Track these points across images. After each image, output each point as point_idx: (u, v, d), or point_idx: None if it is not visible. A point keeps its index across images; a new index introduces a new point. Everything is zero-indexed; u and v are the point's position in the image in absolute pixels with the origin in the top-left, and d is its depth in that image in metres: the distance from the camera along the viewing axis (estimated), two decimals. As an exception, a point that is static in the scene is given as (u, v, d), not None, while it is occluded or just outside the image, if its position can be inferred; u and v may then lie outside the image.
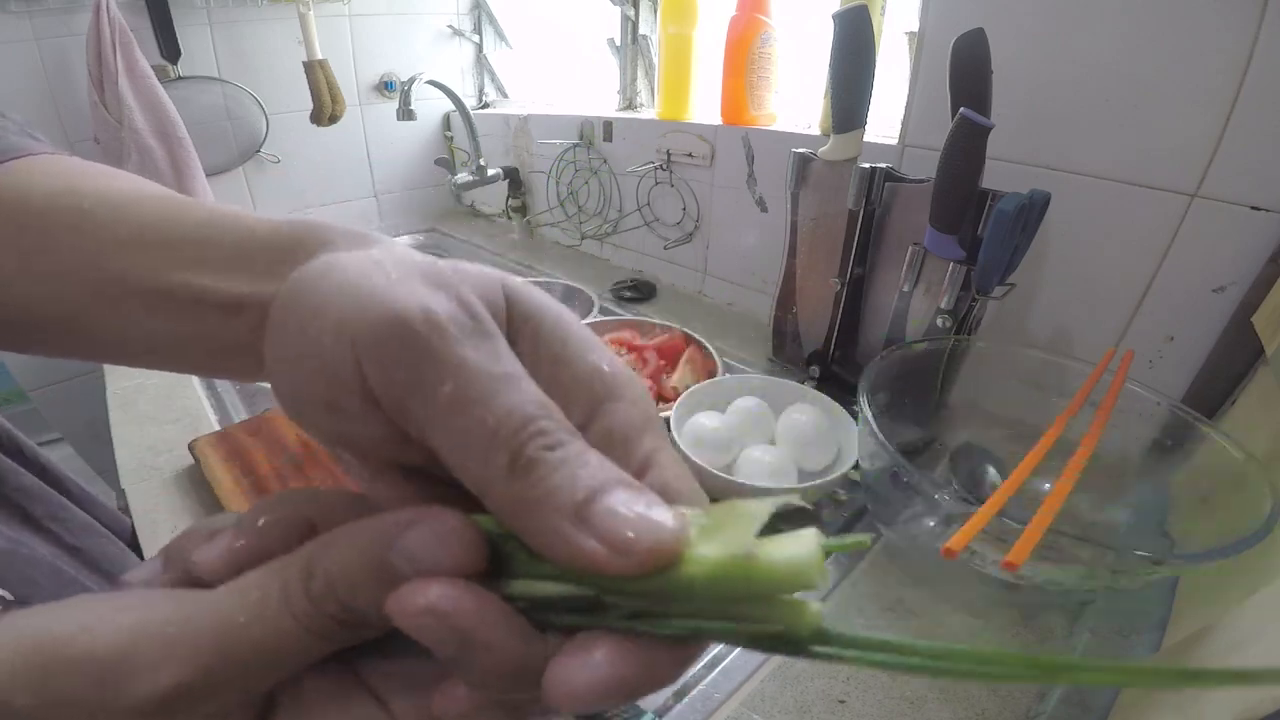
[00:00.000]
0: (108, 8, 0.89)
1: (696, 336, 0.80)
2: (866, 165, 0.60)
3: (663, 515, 0.13)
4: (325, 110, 1.14)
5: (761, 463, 0.56)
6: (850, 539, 0.14)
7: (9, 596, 0.27)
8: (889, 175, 0.61)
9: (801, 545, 0.12)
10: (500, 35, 1.35)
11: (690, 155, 0.94)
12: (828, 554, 0.13)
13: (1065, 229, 0.61)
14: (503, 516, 0.14)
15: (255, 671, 0.14)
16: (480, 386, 0.14)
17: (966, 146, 0.51)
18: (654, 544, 0.13)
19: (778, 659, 0.45)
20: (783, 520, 0.14)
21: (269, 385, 0.17)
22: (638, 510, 0.13)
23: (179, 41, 1.02)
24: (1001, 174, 0.60)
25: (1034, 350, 0.57)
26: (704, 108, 0.96)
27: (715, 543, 0.13)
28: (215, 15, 1.06)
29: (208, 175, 1.06)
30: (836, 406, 0.61)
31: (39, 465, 0.38)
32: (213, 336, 0.20)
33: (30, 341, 0.23)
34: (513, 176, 1.26)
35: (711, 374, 0.75)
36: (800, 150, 0.67)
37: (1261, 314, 0.49)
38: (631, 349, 0.79)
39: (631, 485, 0.14)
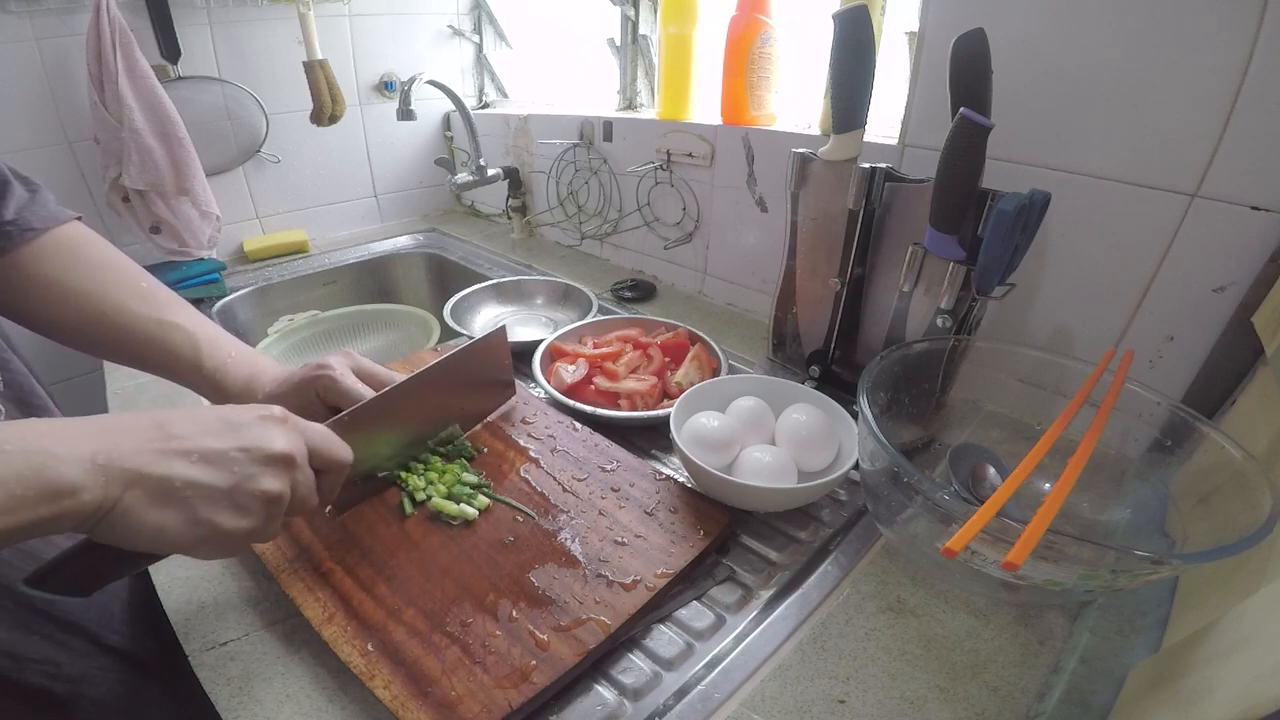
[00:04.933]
0: (108, 8, 0.89)
1: (702, 335, 0.80)
2: (866, 165, 0.60)
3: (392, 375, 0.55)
4: (325, 110, 1.14)
5: (761, 463, 0.56)
6: None
7: None
8: (889, 175, 0.61)
9: None
10: (500, 35, 1.35)
11: (690, 155, 0.94)
12: None
13: (1065, 229, 0.61)
14: (349, 403, 0.50)
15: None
16: (350, 388, 0.50)
17: (966, 146, 0.51)
18: (387, 378, 0.54)
19: (778, 659, 0.45)
20: None
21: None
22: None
23: (179, 41, 1.02)
24: (1001, 174, 0.60)
25: (1034, 350, 0.57)
26: (704, 108, 0.97)
27: None
28: (215, 15, 1.06)
29: (208, 175, 1.06)
30: (836, 406, 0.61)
31: None
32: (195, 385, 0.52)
33: (84, 340, 0.50)
34: (513, 176, 1.26)
35: (716, 372, 0.75)
36: (800, 150, 0.67)
37: (1261, 314, 0.49)
38: (637, 346, 0.79)
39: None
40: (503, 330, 0.64)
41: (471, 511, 0.53)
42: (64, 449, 0.29)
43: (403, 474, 0.57)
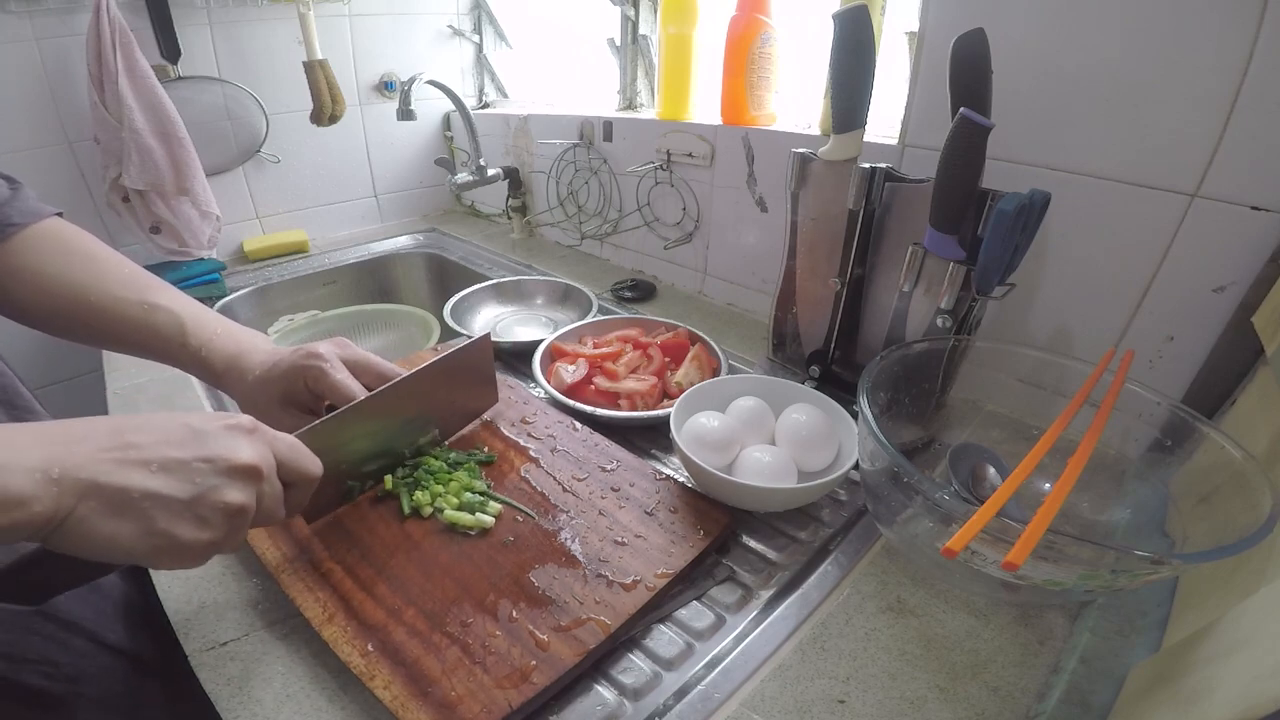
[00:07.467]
0: (108, 8, 0.89)
1: (702, 335, 0.80)
2: (866, 165, 0.60)
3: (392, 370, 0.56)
4: (325, 110, 1.14)
5: (761, 463, 0.56)
6: None
7: None
8: (889, 175, 0.61)
9: None
10: (500, 35, 1.35)
11: (690, 155, 0.94)
12: None
13: (1065, 229, 0.61)
14: (341, 401, 0.50)
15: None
16: (340, 381, 0.51)
17: (966, 146, 0.51)
18: (387, 372, 0.55)
19: (778, 659, 0.45)
20: None
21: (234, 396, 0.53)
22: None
23: (179, 41, 1.02)
24: (1001, 174, 0.60)
25: (1033, 350, 0.57)
26: (704, 108, 0.96)
27: None
28: (215, 15, 1.06)
29: (208, 175, 1.06)
30: (836, 406, 0.61)
31: None
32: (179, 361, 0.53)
33: (72, 327, 0.51)
34: (513, 176, 1.26)
35: (716, 372, 0.75)
36: (800, 150, 0.67)
37: (1261, 314, 0.49)
38: (637, 346, 0.79)
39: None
40: (486, 338, 0.63)
41: (488, 520, 0.52)
42: (12, 459, 0.28)
43: (411, 491, 0.56)
